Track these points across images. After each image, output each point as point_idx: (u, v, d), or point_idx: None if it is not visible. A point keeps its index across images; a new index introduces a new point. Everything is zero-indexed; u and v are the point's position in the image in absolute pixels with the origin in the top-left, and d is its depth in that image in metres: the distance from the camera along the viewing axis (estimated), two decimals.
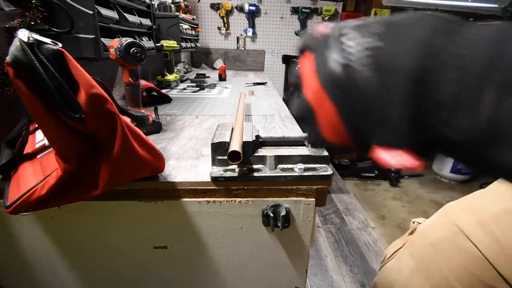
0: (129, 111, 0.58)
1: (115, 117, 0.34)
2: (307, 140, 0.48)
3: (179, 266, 0.51)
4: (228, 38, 2.49)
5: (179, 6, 1.76)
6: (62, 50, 0.31)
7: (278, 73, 2.66)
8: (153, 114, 0.67)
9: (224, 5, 2.34)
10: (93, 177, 0.37)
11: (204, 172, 0.46)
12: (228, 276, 0.52)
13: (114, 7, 0.79)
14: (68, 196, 0.38)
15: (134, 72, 0.64)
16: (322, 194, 0.46)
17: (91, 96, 0.32)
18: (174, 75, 1.32)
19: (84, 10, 0.65)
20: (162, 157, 0.44)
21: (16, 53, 0.28)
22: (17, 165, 0.44)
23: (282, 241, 0.49)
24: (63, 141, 0.34)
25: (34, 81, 0.29)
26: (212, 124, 0.74)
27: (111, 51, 0.61)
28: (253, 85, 1.47)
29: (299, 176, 0.44)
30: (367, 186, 2.43)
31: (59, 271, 0.51)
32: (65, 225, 0.47)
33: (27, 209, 0.37)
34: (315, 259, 1.48)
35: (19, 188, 0.38)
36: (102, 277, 0.52)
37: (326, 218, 1.85)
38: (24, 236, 0.48)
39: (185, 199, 0.45)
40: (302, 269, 0.52)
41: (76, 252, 0.50)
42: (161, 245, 0.49)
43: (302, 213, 0.47)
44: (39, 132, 0.50)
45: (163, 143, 0.60)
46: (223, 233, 0.48)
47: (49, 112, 0.31)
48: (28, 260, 0.50)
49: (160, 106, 0.93)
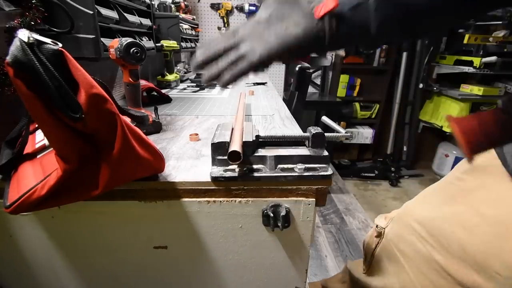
0: (129, 111, 0.58)
1: (115, 117, 0.34)
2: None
3: (179, 266, 0.51)
4: None
5: (179, 6, 1.76)
6: (62, 50, 0.31)
7: (278, 73, 2.66)
8: (153, 114, 0.67)
9: (224, 5, 2.34)
10: (93, 177, 0.37)
11: (204, 172, 0.46)
12: (228, 276, 0.52)
13: (114, 7, 0.79)
14: (68, 196, 0.38)
15: (134, 72, 0.64)
16: (322, 194, 0.46)
17: (91, 96, 0.32)
18: (174, 75, 1.32)
19: (84, 10, 0.65)
20: (162, 157, 0.44)
21: (16, 53, 0.28)
22: (17, 165, 0.44)
23: (282, 241, 0.49)
24: (63, 141, 0.34)
25: (34, 81, 0.29)
26: (212, 124, 0.74)
27: (111, 51, 0.61)
28: (253, 85, 1.47)
29: (299, 176, 0.44)
30: (367, 186, 2.43)
31: (59, 271, 0.51)
32: (65, 225, 0.47)
33: (27, 209, 0.37)
34: (315, 259, 1.48)
35: (19, 188, 0.38)
36: (102, 277, 0.52)
37: (326, 218, 1.85)
38: (24, 236, 0.48)
39: (185, 199, 0.45)
40: (302, 269, 0.52)
41: (76, 252, 0.50)
42: (161, 245, 0.49)
43: (302, 213, 0.47)
44: (39, 132, 0.50)
45: (163, 143, 0.60)
46: (223, 233, 0.48)
47: (49, 112, 0.31)
48: (28, 260, 0.50)
49: (160, 106, 0.93)
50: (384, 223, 0.67)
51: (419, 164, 2.76)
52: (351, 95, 2.55)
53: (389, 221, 0.66)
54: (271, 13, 0.37)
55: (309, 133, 0.47)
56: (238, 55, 0.37)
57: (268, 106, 0.97)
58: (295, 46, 0.36)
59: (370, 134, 2.57)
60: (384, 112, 2.62)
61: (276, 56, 0.36)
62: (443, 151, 2.50)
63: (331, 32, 0.34)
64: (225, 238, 0.48)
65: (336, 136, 0.50)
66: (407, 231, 0.58)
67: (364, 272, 0.72)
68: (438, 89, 2.32)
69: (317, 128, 0.47)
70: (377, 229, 0.68)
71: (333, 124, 0.56)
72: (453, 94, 2.21)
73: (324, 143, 0.47)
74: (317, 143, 0.47)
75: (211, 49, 0.38)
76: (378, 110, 2.61)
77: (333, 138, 0.49)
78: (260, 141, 0.48)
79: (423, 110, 2.54)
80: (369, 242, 0.70)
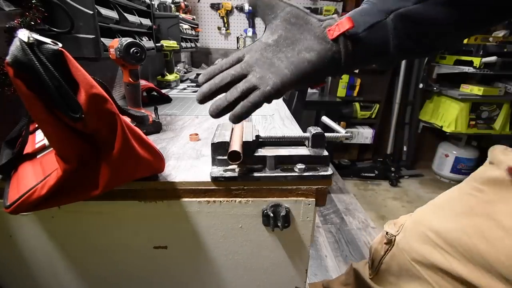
0: (129, 111, 0.58)
1: (115, 117, 0.34)
2: None
3: (179, 266, 0.51)
4: (228, 38, 2.49)
5: (179, 6, 1.76)
6: (62, 50, 0.31)
7: None
8: (153, 114, 0.67)
9: (224, 5, 2.34)
10: (93, 177, 0.37)
11: (204, 172, 0.46)
12: (228, 276, 0.52)
13: (114, 7, 0.79)
14: (68, 196, 0.38)
15: (134, 72, 0.64)
16: (322, 194, 0.46)
17: (91, 96, 0.32)
18: (174, 75, 1.32)
19: (84, 10, 0.65)
20: (162, 157, 0.44)
21: (16, 53, 0.28)
22: (17, 165, 0.44)
23: (282, 241, 0.49)
24: (63, 141, 0.34)
25: (34, 81, 0.29)
26: (212, 124, 0.74)
27: (111, 51, 0.61)
28: None
29: (299, 176, 0.44)
30: (367, 186, 2.43)
31: (59, 271, 0.51)
32: (65, 225, 0.47)
33: (27, 209, 0.37)
34: (315, 259, 1.47)
35: (19, 188, 0.38)
36: (102, 277, 0.52)
37: (326, 218, 1.85)
38: (24, 236, 0.48)
39: (185, 199, 0.45)
40: (302, 269, 0.52)
41: (76, 252, 0.50)
42: (161, 245, 0.49)
43: (302, 213, 0.47)
44: (39, 132, 0.50)
45: (163, 143, 0.60)
46: (223, 233, 0.48)
47: (49, 112, 0.31)
48: (28, 260, 0.50)
49: (160, 106, 0.93)
50: (395, 231, 0.65)
51: (419, 164, 2.76)
52: (351, 95, 2.55)
53: (400, 228, 0.64)
54: (279, 36, 0.35)
55: (309, 133, 0.47)
56: (248, 86, 0.34)
57: (268, 106, 0.97)
58: (310, 72, 0.34)
59: (370, 134, 2.57)
60: (384, 112, 2.62)
61: (290, 86, 0.34)
62: (443, 151, 2.50)
63: (347, 53, 0.33)
64: (225, 238, 0.48)
65: (336, 136, 0.50)
66: (422, 240, 0.55)
67: (370, 278, 0.71)
68: (438, 89, 2.32)
69: (317, 128, 0.47)
70: (387, 236, 0.65)
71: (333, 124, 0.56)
72: (453, 94, 2.21)
73: (324, 143, 0.47)
74: (317, 143, 0.47)
75: (217, 78, 0.35)
76: (378, 110, 2.61)
77: (333, 138, 0.49)
78: (260, 141, 0.48)
79: (423, 110, 2.53)
80: (377, 249, 0.67)
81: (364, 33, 0.33)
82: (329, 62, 0.34)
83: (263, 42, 0.36)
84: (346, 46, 0.33)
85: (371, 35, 0.33)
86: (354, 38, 0.33)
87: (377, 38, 0.34)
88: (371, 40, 0.34)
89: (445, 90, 2.29)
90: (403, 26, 0.33)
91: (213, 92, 0.35)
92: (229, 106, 0.34)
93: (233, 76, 0.35)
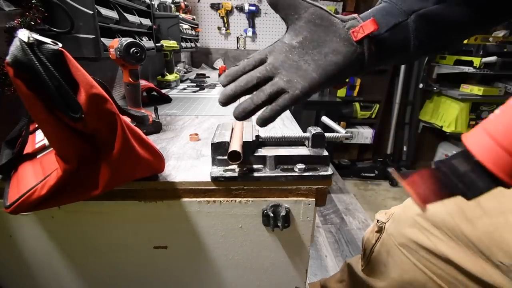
0: (129, 111, 0.58)
1: (115, 117, 0.34)
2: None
3: (179, 266, 0.51)
4: (228, 38, 2.49)
5: (179, 6, 1.76)
6: (62, 50, 0.31)
7: None
8: (153, 114, 0.67)
9: (224, 5, 2.33)
10: (93, 177, 0.37)
11: (204, 172, 0.46)
12: (228, 276, 0.52)
13: (114, 7, 0.79)
14: (68, 196, 0.38)
15: (134, 72, 0.64)
16: (322, 194, 0.46)
17: (91, 96, 0.32)
18: (174, 75, 1.32)
19: (84, 10, 0.65)
20: (162, 157, 0.44)
21: (16, 53, 0.28)
22: (17, 165, 0.44)
23: (282, 241, 0.49)
24: (63, 141, 0.34)
25: (34, 81, 0.29)
26: (212, 124, 0.74)
27: (111, 51, 0.61)
28: None
29: (299, 176, 0.44)
30: (367, 186, 2.43)
31: (58, 271, 0.51)
32: (65, 225, 0.47)
33: (27, 209, 0.37)
34: (315, 259, 1.47)
35: (19, 188, 0.38)
36: (102, 277, 0.52)
37: (326, 218, 1.85)
38: (24, 236, 0.48)
39: (185, 199, 0.45)
40: (302, 269, 0.52)
41: (76, 252, 0.50)
42: (161, 245, 0.49)
43: (302, 213, 0.47)
44: (39, 132, 0.50)
45: (163, 143, 0.60)
46: (223, 233, 0.48)
47: (49, 112, 0.31)
48: (28, 260, 0.50)
49: (160, 106, 0.93)
50: (385, 218, 0.67)
51: (419, 164, 2.76)
52: (351, 95, 2.55)
53: (390, 216, 0.67)
54: (304, 38, 0.35)
55: (309, 133, 0.47)
56: (276, 89, 0.34)
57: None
58: (336, 74, 0.34)
59: (370, 134, 2.57)
60: (384, 112, 2.62)
61: (318, 88, 0.35)
62: (443, 151, 2.50)
63: (370, 54, 0.34)
64: (225, 238, 0.48)
65: (336, 136, 0.50)
66: (409, 223, 0.59)
67: (362, 268, 0.72)
68: (438, 89, 2.32)
69: (317, 128, 0.48)
70: (377, 224, 0.68)
71: (333, 124, 0.56)
72: (453, 94, 2.21)
73: (324, 143, 0.47)
74: (317, 143, 0.47)
75: (242, 80, 0.35)
76: (378, 110, 2.61)
77: (333, 138, 0.49)
78: (260, 141, 0.48)
79: (423, 110, 2.53)
80: (369, 238, 0.70)
81: (387, 34, 0.34)
82: (353, 64, 0.34)
83: (287, 43, 0.35)
84: (370, 48, 0.34)
85: (393, 36, 0.34)
86: (377, 39, 0.34)
87: (398, 39, 0.34)
88: (393, 41, 0.34)
89: (445, 90, 2.29)
90: (424, 26, 0.33)
91: (238, 94, 0.35)
92: (255, 109, 0.35)
93: (259, 79, 0.34)
